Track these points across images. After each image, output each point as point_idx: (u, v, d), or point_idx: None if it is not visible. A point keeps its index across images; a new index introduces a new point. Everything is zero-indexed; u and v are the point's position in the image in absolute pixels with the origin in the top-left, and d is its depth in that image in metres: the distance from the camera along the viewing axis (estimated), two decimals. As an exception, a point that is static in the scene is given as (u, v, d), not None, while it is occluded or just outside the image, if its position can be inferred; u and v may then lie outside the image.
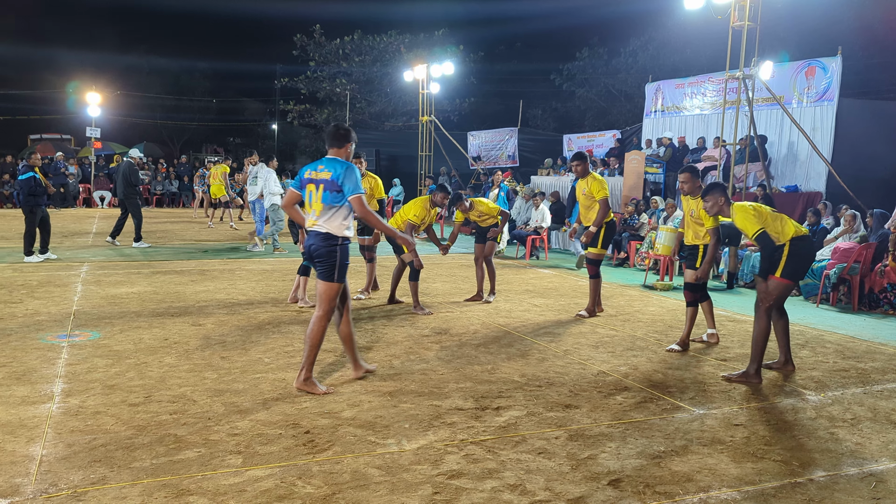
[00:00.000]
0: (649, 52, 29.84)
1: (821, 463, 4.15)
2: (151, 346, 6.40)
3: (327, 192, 5.11)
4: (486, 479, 3.80)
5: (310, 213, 5.24)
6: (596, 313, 8.31)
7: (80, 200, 25.95)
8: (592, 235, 8.12)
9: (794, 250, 5.68)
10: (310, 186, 5.17)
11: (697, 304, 6.93)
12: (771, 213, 5.86)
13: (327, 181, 5.13)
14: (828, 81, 14.28)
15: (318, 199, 5.14)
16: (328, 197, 5.12)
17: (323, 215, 5.15)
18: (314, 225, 5.19)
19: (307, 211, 5.29)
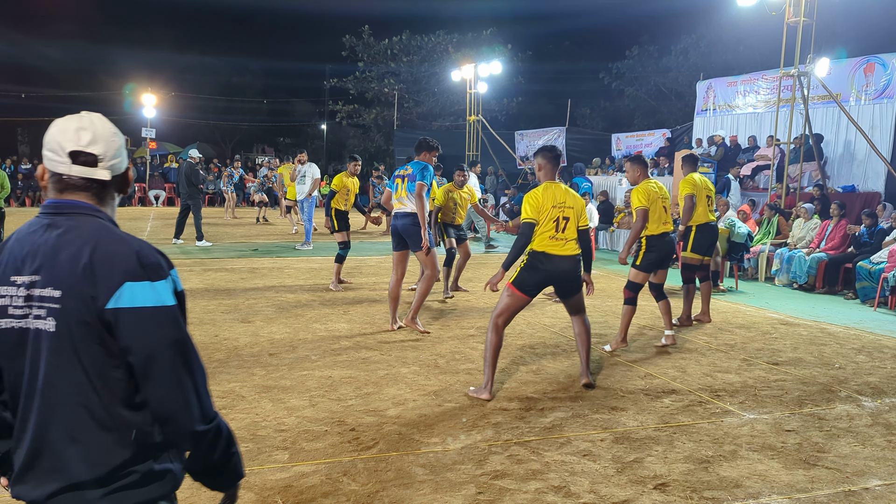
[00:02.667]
0: (701, 50, 29.32)
1: (876, 471, 4.03)
2: (202, 342, 6.54)
3: (410, 184, 6.79)
4: (530, 479, 3.79)
5: (396, 197, 6.93)
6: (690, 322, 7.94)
7: (135, 199, 26.63)
8: (681, 234, 7.83)
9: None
10: (397, 181, 6.92)
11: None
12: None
13: (410, 175, 6.86)
14: (888, 78, 13.83)
15: (404, 189, 6.85)
16: (412, 187, 6.78)
17: (410, 201, 6.81)
18: (401, 207, 6.85)
19: (395, 198, 6.94)
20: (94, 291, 1.60)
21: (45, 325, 1.63)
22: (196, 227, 14.14)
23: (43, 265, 1.64)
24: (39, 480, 1.66)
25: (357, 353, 6.27)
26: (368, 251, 13.69)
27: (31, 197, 25.43)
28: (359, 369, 5.77)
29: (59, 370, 1.63)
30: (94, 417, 1.64)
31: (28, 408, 1.67)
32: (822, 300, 9.94)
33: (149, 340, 1.62)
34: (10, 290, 1.67)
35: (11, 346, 1.67)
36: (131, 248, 1.66)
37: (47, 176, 1.73)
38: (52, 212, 1.70)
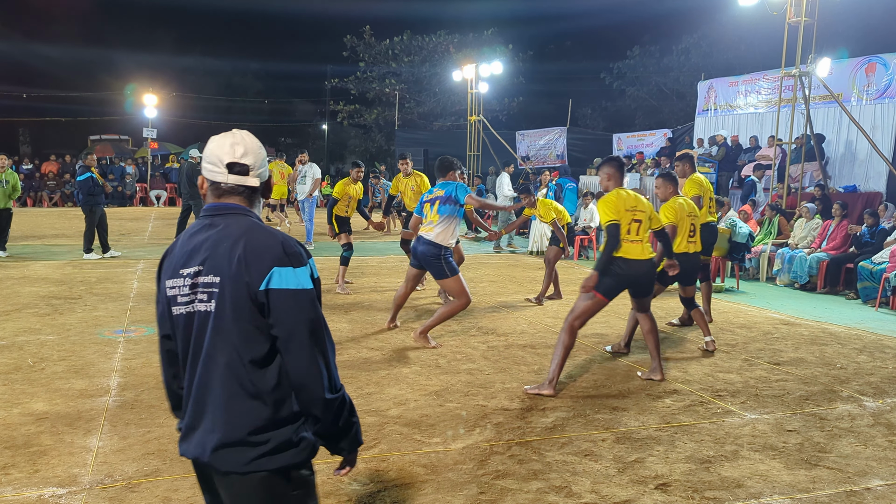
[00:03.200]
0: (702, 50, 29.32)
1: (878, 471, 4.02)
2: (203, 342, 6.54)
3: (443, 206, 6.39)
4: (532, 479, 3.79)
5: (426, 223, 6.53)
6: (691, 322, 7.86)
7: (136, 199, 26.64)
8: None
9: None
10: (426, 206, 6.54)
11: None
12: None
13: (442, 197, 6.46)
14: (889, 78, 13.82)
15: (434, 212, 6.43)
16: (444, 209, 6.38)
17: (438, 225, 6.38)
18: (426, 232, 6.42)
19: (424, 222, 6.57)
20: (248, 277, 1.90)
21: (207, 307, 1.94)
22: None
23: (205, 257, 1.95)
24: (200, 440, 1.96)
25: (358, 353, 6.27)
26: (370, 251, 13.69)
27: (33, 197, 25.43)
28: (360, 369, 5.77)
29: (217, 346, 1.93)
30: (243, 387, 1.92)
31: (192, 378, 1.98)
32: (823, 300, 9.93)
33: (289, 318, 1.90)
34: (178, 282, 1.99)
35: (182, 328, 1.99)
36: (277, 240, 1.96)
37: (206, 185, 2.08)
38: (211, 213, 2.04)
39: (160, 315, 2.07)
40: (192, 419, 1.98)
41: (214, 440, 1.92)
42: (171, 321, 2.02)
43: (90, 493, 3.53)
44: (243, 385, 1.92)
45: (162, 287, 2.04)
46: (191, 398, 1.99)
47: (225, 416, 1.92)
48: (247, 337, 1.91)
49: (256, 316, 1.91)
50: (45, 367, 5.63)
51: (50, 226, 17.68)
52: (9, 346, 6.23)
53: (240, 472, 1.92)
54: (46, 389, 5.08)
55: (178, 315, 1.99)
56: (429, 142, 28.28)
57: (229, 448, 1.91)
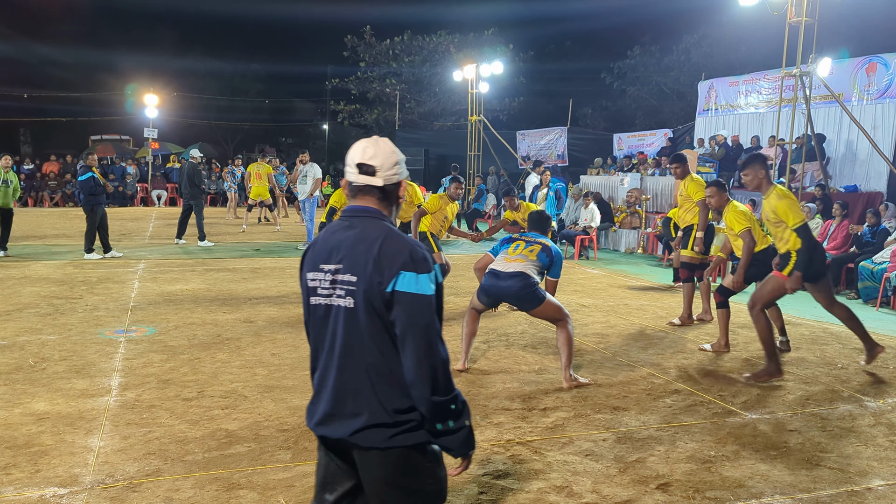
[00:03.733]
0: (702, 50, 29.28)
1: (879, 471, 4.02)
2: (205, 342, 6.55)
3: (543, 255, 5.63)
4: (533, 479, 3.79)
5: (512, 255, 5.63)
6: (690, 322, 7.89)
7: (137, 199, 26.65)
8: (702, 241, 7.78)
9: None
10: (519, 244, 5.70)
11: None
12: None
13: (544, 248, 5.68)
14: (890, 78, 13.82)
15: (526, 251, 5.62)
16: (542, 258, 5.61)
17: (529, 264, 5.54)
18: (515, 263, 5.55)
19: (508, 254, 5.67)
20: (380, 278, 2.09)
21: (345, 303, 2.14)
22: (198, 228, 14.14)
23: (344, 257, 2.16)
24: (343, 423, 2.15)
25: (359, 353, 6.26)
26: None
27: (34, 197, 25.44)
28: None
29: (353, 337, 2.14)
30: (379, 374, 2.12)
31: (328, 366, 2.19)
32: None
33: (406, 319, 2.08)
34: (319, 276, 2.21)
35: (319, 317, 2.21)
36: (407, 246, 2.14)
37: (345, 185, 2.31)
38: (350, 215, 2.25)
39: (305, 303, 2.30)
40: (332, 405, 2.18)
41: (360, 423, 2.13)
42: (308, 309, 2.26)
43: (91, 493, 3.53)
44: (381, 374, 2.13)
45: (303, 278, 2.28)
46: (329, 385, 2.19)
47: (368, 402, 2.13)
48: (380, 332, 2.12)
49: (385, 313, 2.11)
50: (47, 367, 5.63)
51: (51, 226, 17.69)
52: (10, 346, 6.24)
53: (381, 447, 2.12)
54: (47, 389, 5.09)
55: (315, 305, 2.23)
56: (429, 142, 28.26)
57: (372, 429, 2.12)
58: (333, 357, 2.18)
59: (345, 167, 2.29)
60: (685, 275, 7.93)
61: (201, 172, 15.08)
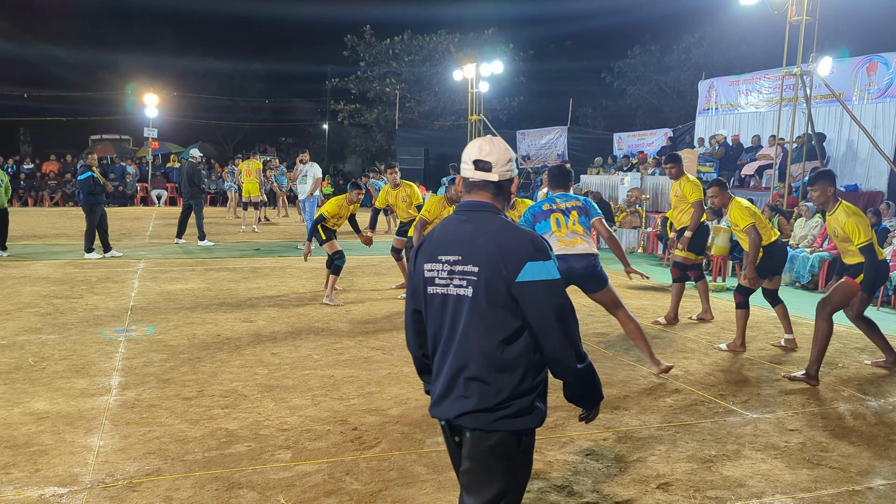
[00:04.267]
0: (703, 49, 29.28)
1: (880, 471, 4.02)
2: (204, 341, 6.54)
3: (584, 218, 5.70)
4: (534, 479, 3.78)
5: (563, 236, 5.60)
6: (675, 322, 7.90)
7: (137, 199, 26.64)
8: (689, 241, 7.77)
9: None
10: (557, 216, 5.63)
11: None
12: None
13: (581, 207, 5.75)
14: (890, 77, 13.81)
15: (573, 223, 5.64)
16: (585, 221, 5.70)
17: (585, 236, 5.65)
18: (577, 245, 5.56)
19: (558, 236, 5.59)
20: (504, 270, 2.20)
21: (465, 292, 2.25)
22: (198, 227, 14.13)
23: (463, 249, 2.27)
24: (451, 405, 2.29)
25: (359, 353, 6.27)
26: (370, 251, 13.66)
27: (34, 197, 25.43)
28: (361, 368, 5.77)
29: (472, 325, 2.24)
30: (492, 362, 2.23)
31: (446, 352, 2.31)
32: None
33: (543, 305, 2.20)
34: (436, 266, 2.32)
35: (437, 306, 2.33)
36: (527, 237, 2.26)
37: (461, 181, 2.43)
38: (466, 210, 2.37)
39: (412, 292, 2.43)
40: (445, 388, 2.31)
41: (469, 405, 2.25)
42: (424, 299, 2.37)
43: (91, 493, 3.53)
44: (493, 360, 2.23)
45: (419, 268, 2.38)
46: (445, 369, 2.32)
47: (478, 386, 2.24)
48: (498, 319, 2.22)
49: (509, 302, 2.21)
50: (46, 367, 5.62)
51: (51, 225, 17.68)
52: (10, 346, 6.23)
53: (485, 429, 2.24)
54: (47, 389, 5.08)
55: (432, 294, 2.34)
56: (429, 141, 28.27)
57: (479, 412, 2.24)
58: (451, 343, 2.30)
59: (461, 165, 2.42)
60: (677, 274, 7.93)
61: (201, 172, 15.08)
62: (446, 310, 2.30)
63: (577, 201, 5.80)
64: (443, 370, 2.32)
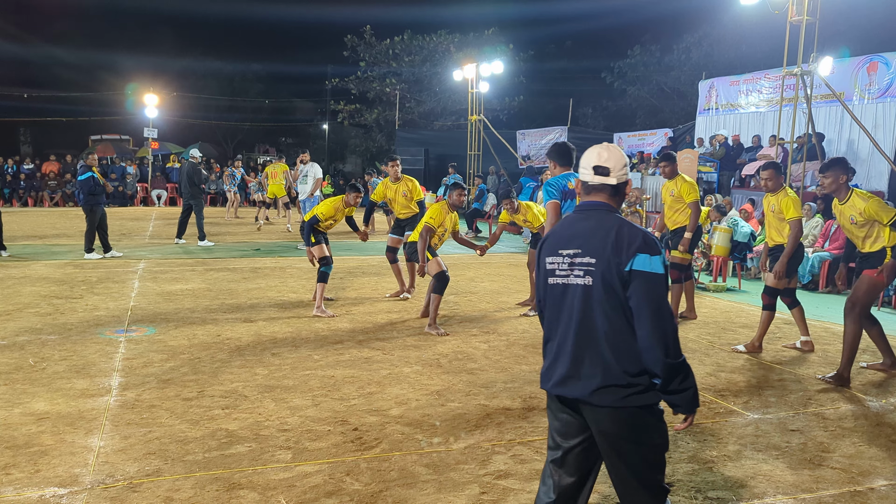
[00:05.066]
0: (703, 49, 29.26)
1: (882, 471, 4.01)
2: (205, 342, 6.53)
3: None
4: (534, 479, 3.77)
5: None
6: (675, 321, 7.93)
7: (137, 199, 26.64)
8: (689, 242, 7.78)
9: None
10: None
11: (774, 308, 6.68)
12: None
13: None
14: (891, 77, 13.80)
15: None
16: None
17: None
18: None
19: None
20: (619, 259, 2.46)
21: (584, 281, 2.52)
22: (198, 227, 14.13)
23: (583, 243, 2.55)
24: (580, 383, 2.51)
25: (359, 353, 6.26)
26: (370, 251, 13.65)
27: (34, 197, 25.42)
28: (361, 369, 5.76)
29: (590, 310, 2.50)
30: (611, 341, 2.47)
31: (566, 336, 2.56)
32: (825, 299, 9.92)
33: (642, 294, 2.43)
34: (557, 259, 2.60)
35: (557, 295, 2.60)
36: (640, 232, 2.50)
37: (580, 184, 2.70)
38: (585, 209, 2.64)
39: (541, 283, 2.69)
40: (570, 369, 2.53)
41: (596, 383, 2.47)
42: (545, 288, 2.65)
43: (91, 493, 3.52)
44: (614, 341, 2.47)
45: (542, 262, 2.67)
46: (568, 351, 2.54)
47: (603, 366, 2.47)
48: (614, 305, 2.46)
49: (622, 290, 2.45)
50: (47, 367, 5.62)
51: (51, 225, 17.67)
52: (10, 346, 6.22)
53: (616, 406, 2.46)
54: (47, 389, 5.07)
55: (553, 284, 2.61)
56: (429, 141, 28.25)
57: (608, 388, 2.46)
58: (571, 327, 2.54)
59: (579, 170, 2.70)
60: (675, 275, 7.94)
61: (201, 172, 15.07)
62: (566, 298, 2.56)
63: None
64: (564, 352, 2.56)
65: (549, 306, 2.64)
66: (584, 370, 2.51)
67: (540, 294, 2.71)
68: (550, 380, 2.61)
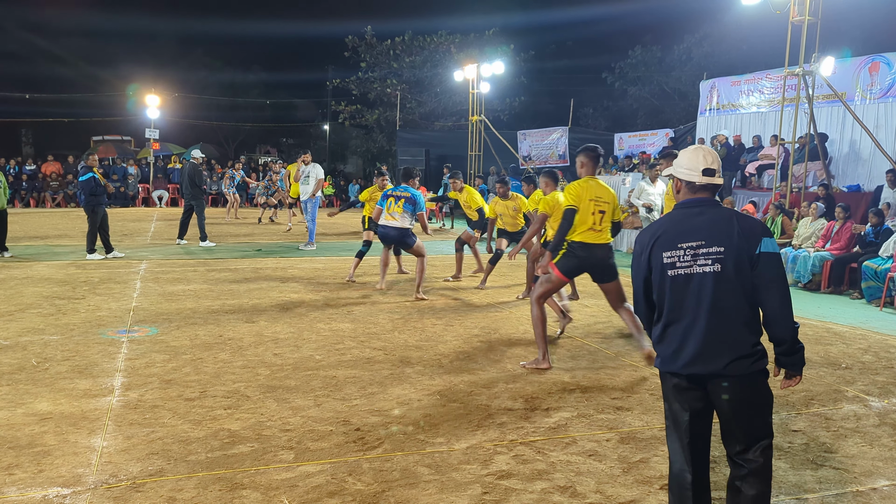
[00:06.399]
0: (704, 49, 29.27)
1: (884, 472, 4.01)
2: (207, 342, 6.54)
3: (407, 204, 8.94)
4: (536, 480, 3.78)
5: (389, 213, 8.72)
6: None
7: (139, 200, 26.66)
8: None
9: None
10: (391, 200, 8.75)
11: None
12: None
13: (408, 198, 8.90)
14: (892, 77, 13.79)
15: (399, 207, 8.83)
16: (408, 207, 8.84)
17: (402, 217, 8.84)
18: (391, 221, 8.81)
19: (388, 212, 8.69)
20: (748, 245, 2.80)
21: (713, 268, 2.81)
22: (199, 228, 14.14)
23: (705, 235, 2.84)
24: (714, 359, 2.81)
25: (361, 353, 6.26)
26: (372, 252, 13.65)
27: (36, 198, 25.44)
28: (363, 369, 5.77)
29: (720, 293, 2.80)
30: (737, 319, 2.81)
31: (695, 319, 2.83)
32: (827, 300, 9.91)
33: (772, 272, 2.81)
34: (677, 252, 2.86)
35: (680, 284, 2.86)
36: (757, 221, 2.92)
37: (682, 184, 3.01)
38: (695, 205, 2.96)
39: (645, 278, 2.97)
40: (702, 347, 2.81)
41: (729, 357, 2.79)
42: (662, 280, 2.89)
43: (94, 493, 3.53)
44: (743, 318, 2.81)
45: (656, 256, 2.91)
46: (698, 333, 2.82)
47: (734, 341, 2.80)
48: (741, 286, 2.79)
49: (749, 271, 2.80)
50: (49, 368, 5.62)
51: (53, 226, 17.69)
52: (13, 347, 6.23)
53: (745, 373, 2.80)
54: (50, 389, 5.08)
55: (674, 276, 2.86)
56: (430, 142, 28.25)
57: (739, 360, 2.79)
58: (702, 311, 2.81)
59: (681, 171, 3.00)
60: None
61: (202, 173, 15.08)
62: (690, 286, 2.83)
63: (408, 192, 8.58)
64: (694, 334, 2.83)
65: (671, 295, 2.87)
66: (717, 347, 2.80)
67: (650, 283, 2.95)
68: (678, 361, 2.87)
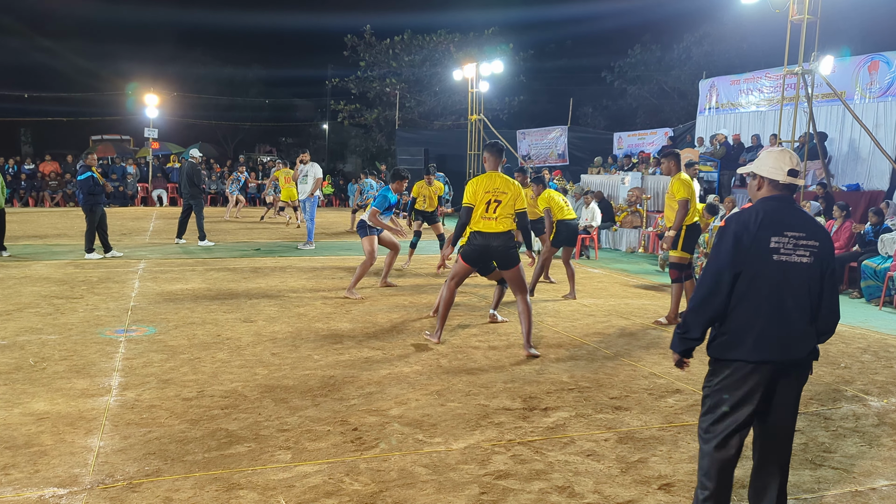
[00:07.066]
0: (703, 48, 29.25)
1: (883, 472, 4.00)
2: (205, 341, 6.53)
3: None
4: (534, 479, 3.77)
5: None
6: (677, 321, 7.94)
7: (137, 199, 26.64)
8: (672, 239, 7.84)
9: None
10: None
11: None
12: None
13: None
14: (892, 76, 13.79)
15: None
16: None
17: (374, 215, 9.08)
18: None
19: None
20: (831, 244, 3.04)
21: (807, 260, 3.00)
22: (198, 227, 14.13)
23: (803, 227, 3.02)
24: (797, 346, 3.02)
25: (359, 353, 6.25)
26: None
27: (34, 197, 25.42)
28: (361, 369, 5.76)
29: (805, 283, 3.00)
30: (815, 310, 3.04)
31: (782, 305, 2.99)
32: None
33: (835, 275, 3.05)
34: (783, 240, 3.00)
35: (777, 271, 2.99)
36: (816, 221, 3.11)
37: (765, 182, 3.14)
38: (780, 201, 3.10)
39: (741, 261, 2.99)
40: (786, 333, 2.99)
41: (811, 344, 3.04)
42: (762, 265, 2.99)
43: (91, 494, 3.51)
44: (813, 309, 3.03)
45: (762, 239, 2.99)
46: (786, 320, 2.99)
47: (809, 329, 3.03)
48: (822, 281, 3.02)
49: (823, 269, 3.02)
50: (47, 367, 5.61)
51: (51, 225, 17.67)
52: (10, 346, 6.22)
53: (808, 357, 3.06)
54: (47, 389, 5.07)
55: (777, 261, 2.99)
56: (429, 141, 28.21)
57: (813, 350, 3.07)
58: (788, 299, 2.98)
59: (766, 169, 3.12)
60: (675, 275, 7.89)
61: (201, 172, 15.06)
62: (784, 274, 2.98)
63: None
64: (777, 320, 2.98)
65: (764, 279, 2.99)
66: (800, 334, 3.01)
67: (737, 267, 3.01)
68: (761, 348, 3.01)
